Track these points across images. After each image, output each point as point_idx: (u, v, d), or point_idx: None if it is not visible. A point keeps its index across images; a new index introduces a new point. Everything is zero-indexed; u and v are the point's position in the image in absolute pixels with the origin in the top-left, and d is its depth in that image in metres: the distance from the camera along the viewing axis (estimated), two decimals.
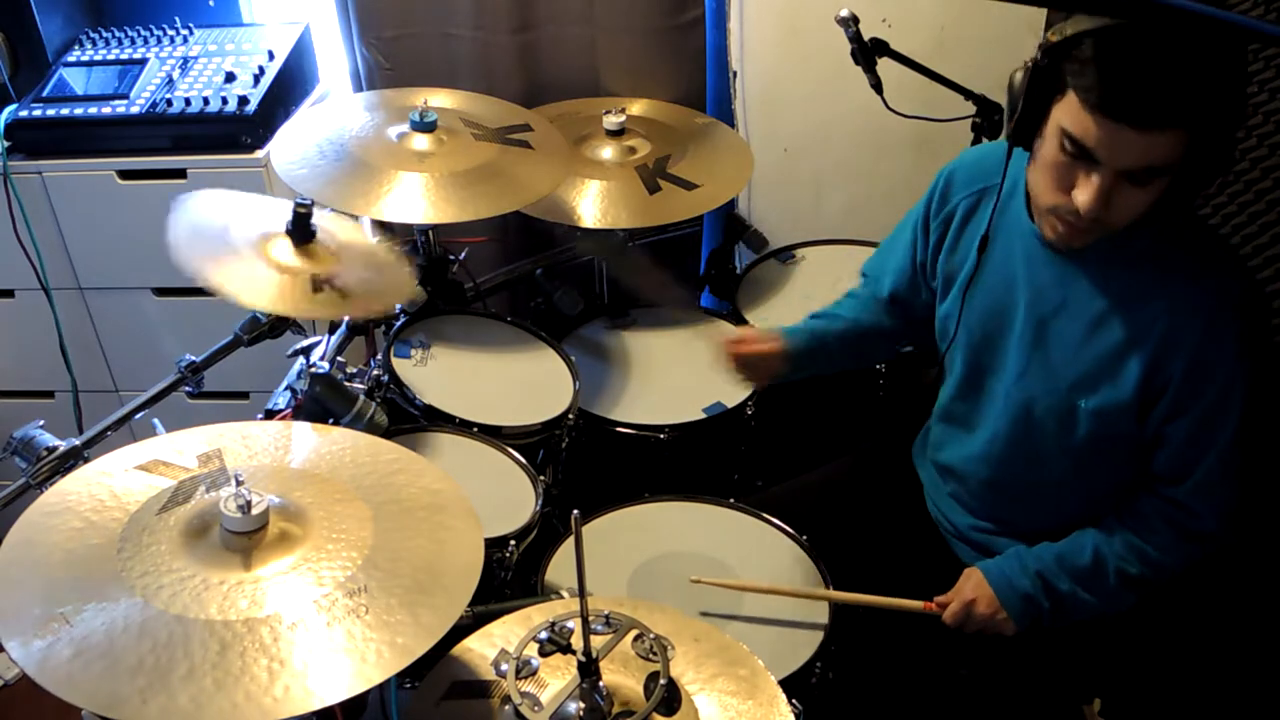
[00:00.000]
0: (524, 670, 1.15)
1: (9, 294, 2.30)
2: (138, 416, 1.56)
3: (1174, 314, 1.27)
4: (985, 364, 1.48)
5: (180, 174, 2.14)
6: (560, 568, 1.58)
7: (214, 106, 2.13)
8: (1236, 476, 1.33)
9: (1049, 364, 1.38)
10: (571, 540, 1.59)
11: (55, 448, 1.44)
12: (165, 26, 2.33)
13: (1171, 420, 1.31)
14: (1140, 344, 1.29)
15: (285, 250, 1.59)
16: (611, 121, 2.17)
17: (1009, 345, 1.43)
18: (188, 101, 2.13)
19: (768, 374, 1.66)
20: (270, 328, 1.67)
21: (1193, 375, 1.27)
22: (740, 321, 2.13)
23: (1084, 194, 1.19)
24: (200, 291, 1.48)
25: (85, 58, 2.27)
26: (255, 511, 1.11)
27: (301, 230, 1.61)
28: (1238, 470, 1.32)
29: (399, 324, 1.93)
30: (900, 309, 1.65)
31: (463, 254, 2.09)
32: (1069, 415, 1.38)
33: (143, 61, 2.24)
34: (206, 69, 2.22)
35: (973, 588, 1.46)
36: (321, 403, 1.59)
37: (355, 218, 1.77)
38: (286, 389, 1.77)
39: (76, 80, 2.21)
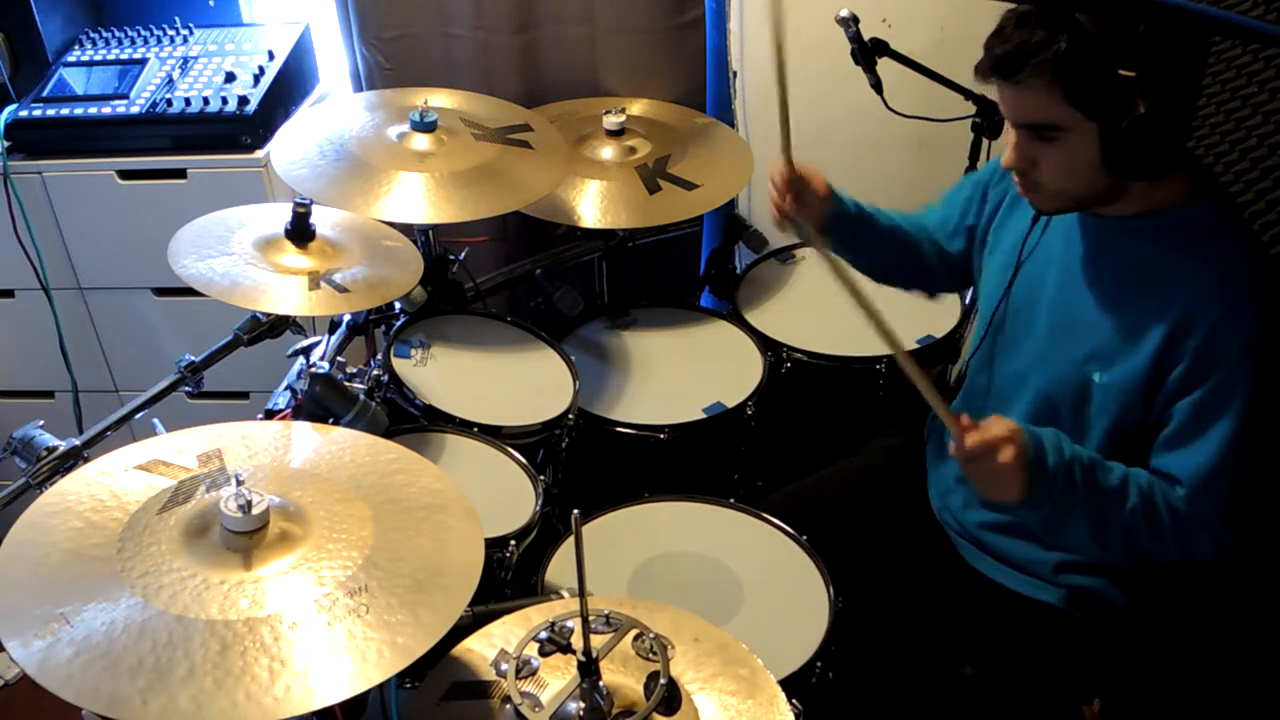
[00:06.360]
0: (524, 670, 1.15)
1: (9, 294, 2.30)
2: (138, 416, 1.57)
3: (1195, 293, 1.27)
4: (1012, 336, 1.50)
5: (180, 174, 2.14)
6: (560, 568, 1.58)
7: (214, 106, 2.13)
8: (1240, 477, 1.30)
9: (1070, 336, 1.39)
10: (571, 540, 1.59)
11: (55, 448, 1.44)
12: (165, 26, 2.33)
13: (1179, 397, 1.30)
14: (1159, 320, 1.30)
15: (285, 250, 1.60)
16: (611, 121, 2.17)
17: (1037, 318, 1.45)
18: (188, 101, 2.13)
19: (814, 207, 1.57)
20: (270, 328, 1.67)
21: (1207, 348, 1.27)
22: (741, 322, 2.13)
23: (1005, 151, 1.33)
24: (200, 291, 1.48)
25: (85, 58, 2.27)
26: (256, 511, 1.11)
27: (301, 230, 1.61)
28: (1242, 469, 1.29)
29: (399, 324, 1.94)
30: (933, 243, 1.68)
31: (463, 254, 2.09)
32: (1082, 390, 1.38)
33: (143, 61, 2.24)
34: (206, 69, 2.22)
35: (1006, 430, 1.28)
36: (321, 403, 1.59)
37: None
38: (286, 389, 1.78)
39: (76, 80, 2.21)
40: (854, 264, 1.68)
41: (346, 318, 1.93)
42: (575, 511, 1.03)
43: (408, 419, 1.77)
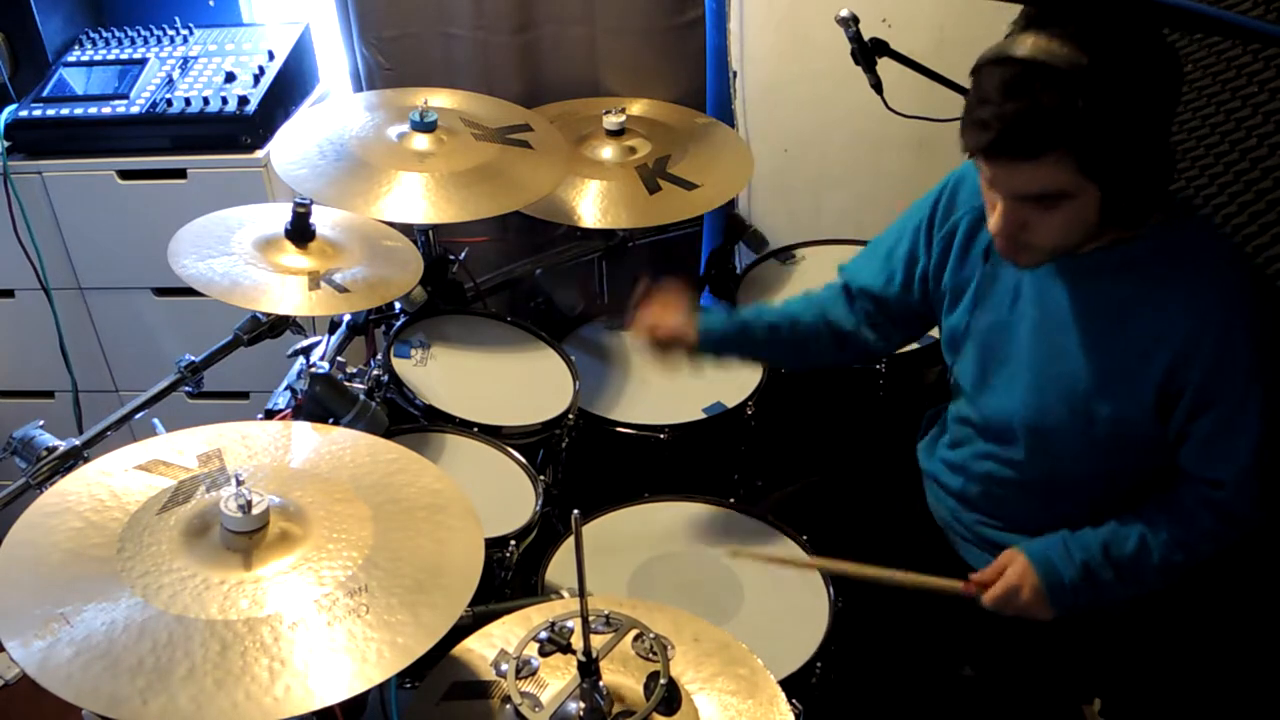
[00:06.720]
0: (524, 670, 1.15)
1: (9, 294, 2.31)
2: (138, 416, 1.57)
3: (1188, 316, 1.26)
4: (996, 374, 1.47)
5: (180, 174, 2.14)
6: (560, 568, 1.58)
7: (214, 106, 2.13)
8: (1272, 465, 1.31)
9: (1061, 374, 1.37)
10: (571, 540, 1.59)
11: (55, 448, 1.44)
12: (165, 26, 2.34)
13: (1194, 419, 1.30)
14: (1156, 348, 1.28)
15: (285, 250, 1.60)
16: (611, 121, 2.17)
17: (1019, 356, 1.42)
18: (188, 101, 2.13)
19: (679, 356, 1.59)
20: (270, 328, 1.67)
21: (1212, 373, 1.26)
22: None
23: (992, 219, 1.25)
24: (200, 291, 1.48)
25: (85, 58, 2.27)
26: (256, 511, 1.11)
27: (301, 230, 1.61)
28: (1273, 458, 1.30)
29: (399, 324, 1.93)
30: (873, 303, 1.60)
31: (463, 254, 2.09)
32: (1086, 421, 1.36)
33: (143, 61, 2.24)
34: (206, 69, 2.22)
35: (1017, 574, 1.39)
36: (321, 403, 1.59)
37: None
38: (286, 389, 1.78)
39: (76, 80, 2.21)
40: (766, 363, 1.64)
41: (346, 318, 1.93)
42: (575, 511, 1.03)
43: (408, 419, 1.77)
